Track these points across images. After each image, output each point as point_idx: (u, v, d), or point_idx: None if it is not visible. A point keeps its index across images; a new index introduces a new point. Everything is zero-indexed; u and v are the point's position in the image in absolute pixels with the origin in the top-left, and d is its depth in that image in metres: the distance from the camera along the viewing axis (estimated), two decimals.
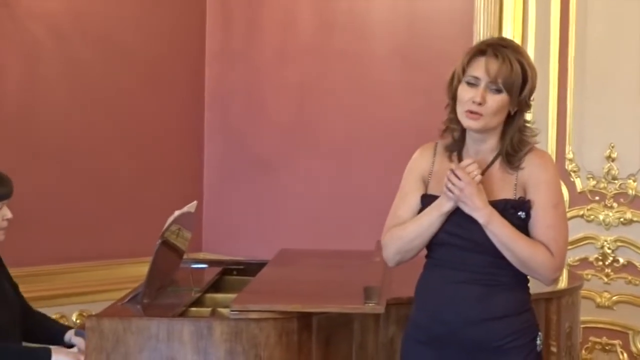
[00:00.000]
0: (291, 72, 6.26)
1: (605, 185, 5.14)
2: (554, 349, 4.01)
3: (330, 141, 6.05)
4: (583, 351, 4.91)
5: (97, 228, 6.09)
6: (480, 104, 3.03)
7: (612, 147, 5.11)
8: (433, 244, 3.17)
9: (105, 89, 6.16)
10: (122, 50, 6.25)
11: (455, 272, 3.10)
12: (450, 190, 3.03)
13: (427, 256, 3.23)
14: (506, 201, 3.08)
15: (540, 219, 3.09)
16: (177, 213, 3.82)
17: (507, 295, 3.11)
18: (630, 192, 5.07)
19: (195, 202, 4.20)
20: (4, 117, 5.70)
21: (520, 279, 3.15)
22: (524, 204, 3.08)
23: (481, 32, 5.21)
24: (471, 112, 3.04)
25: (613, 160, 5.12)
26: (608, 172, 5.13)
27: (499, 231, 3.03)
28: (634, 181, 5.07)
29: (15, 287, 4.05)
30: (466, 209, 3.03)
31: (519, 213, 3.08)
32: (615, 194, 5.12)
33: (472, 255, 3.08)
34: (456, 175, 3.02)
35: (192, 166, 6.70)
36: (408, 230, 3.15)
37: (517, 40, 5.07)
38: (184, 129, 6.65)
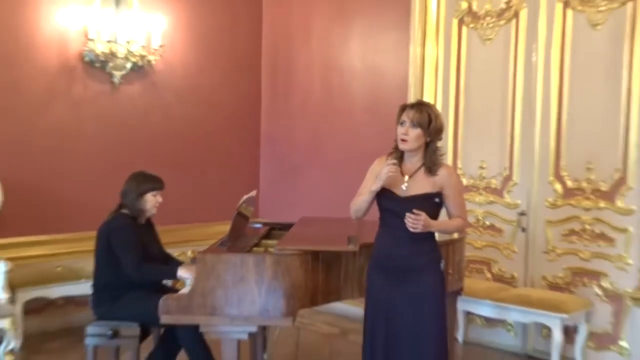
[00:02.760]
0: (309, 119, 6.20)
1: (479, 182, 5.13)
2: (450, 271, 3.97)
3: (330, 158, 6.00)
4: (466, 273, 4.93)
5: (203, 204, 6.07)
6: (406, 134, 3.07)
7: (483, 161, 5.10)
8: (384, 213, 3.15)
9: (204, 129, 6.13)
10: (215, 106, 6.20)
11: (396, 229, 3.07)
12: (414, 226, 2.97)
13: (380, 219, 3.21)
14: (429, 193, 3.09)
15: (452, 201, 3.12)
16: (245, 197, 3.76)
17: (425, 242, 3.11)
18: (492, 186, 5.05)
19: (255, 191, 4.15)
20: (154, 146, 5.75)
21: (432, 233, 3.13)
22: (439, 194, 3.10)
23: (412, 97, 5.21)
24: (402, 139, 3.09)
25: (483, 169, 5.10)
26: (480, 175, 5.11)
27: (442, 228, 3.13)
28: (495, 180, 5.04)
29: (158, 241, 4.03)
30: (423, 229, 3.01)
31: (435, 199, 3.09)
32: (484, 187, 5.10)
33: (405, 221, 3.04)
34: (414, 214, 2.99)
35: (253, 170, 6.57)
36: (358, 199, 3.16)
37: (432, 102, 5.11)
38: (248, 150, 6.51)
